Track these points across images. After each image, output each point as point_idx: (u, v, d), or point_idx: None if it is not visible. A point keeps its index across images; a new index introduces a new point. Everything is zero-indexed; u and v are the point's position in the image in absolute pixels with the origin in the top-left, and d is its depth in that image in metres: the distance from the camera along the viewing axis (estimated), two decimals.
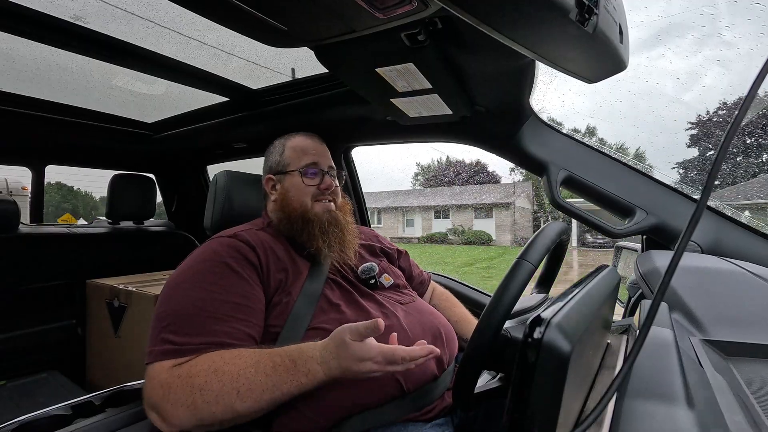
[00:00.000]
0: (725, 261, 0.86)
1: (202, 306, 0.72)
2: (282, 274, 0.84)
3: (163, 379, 0.66)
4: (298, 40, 0.87)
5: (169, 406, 0.64)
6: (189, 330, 0.70)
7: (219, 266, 0.78)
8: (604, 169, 1.10)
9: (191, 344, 0.69)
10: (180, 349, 0.68)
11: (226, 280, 0.77)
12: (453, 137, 1.36)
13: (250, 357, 0.67)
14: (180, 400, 0.64)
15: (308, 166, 0.98)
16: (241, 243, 0.83)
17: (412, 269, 1.17)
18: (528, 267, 0.60)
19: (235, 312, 0.74)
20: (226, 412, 0.63)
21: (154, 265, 1.94)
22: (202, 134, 1.81)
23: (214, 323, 0.71)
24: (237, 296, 0.75)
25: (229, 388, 0.64)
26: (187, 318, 0.71)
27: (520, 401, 0.41)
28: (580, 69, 0.71)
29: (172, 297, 0.75)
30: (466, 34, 0.81)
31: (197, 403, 0.63)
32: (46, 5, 0.97)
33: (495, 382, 0.73)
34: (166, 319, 0.72)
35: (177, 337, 0.69)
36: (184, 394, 0.64)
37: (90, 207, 17.63)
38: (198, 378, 0.65)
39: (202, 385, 0.64)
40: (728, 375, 0.57)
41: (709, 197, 0.36)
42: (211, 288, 0.75)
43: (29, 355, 1.64)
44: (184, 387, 0.64)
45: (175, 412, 0.64)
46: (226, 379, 0.64)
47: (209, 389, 0.64)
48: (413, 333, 0.83)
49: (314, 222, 0.92)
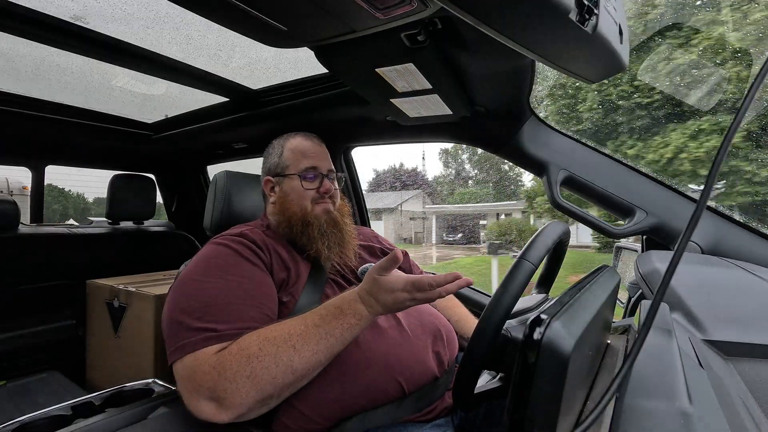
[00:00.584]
0: (725, 261, 0.86)
1: (233, 293, 0.73)
2: (284, 273, 0.85)
3: (213, 362, 0.64)
4: (298, 40, 0.87)
5: (227, 383, 0.62)
6: (225, 317, 0.70)
7: (235, 258, 0.80)
8: (604, 169, 1.10)
9: (233, 329, 0.68)
10: (222, 335, 0.67)
11: (246, 271, 0.78)
12: (453, 137, 1.36)
13: (295, 319, 0.69)
14: (238, 372, 0.62)
15: (307, 170, 0.97)
16: (247, 241, 0.85)
17: (412, 270, 1.17)
18: (528, 267, 0.60)
19: (263, 299, 0.76)
20: (287, 372, 0.63)
21: (154, 266, 1.94)
22: (202, 134, 1.80)
23: (249, 309, 0.72)
24: (261, 285, 0.78)
25: (284, 347, 0.64)
26: (221, 305, 0.71)
27: (520, 401, 0.41)
28: (580, 69, 0.71)
29: (194, 290, 0.74)
30: (466, 34, 0.81)
31: (256, 371, 0.62)
32: (46, 5, 0.97)
33: (495, 382, 0.73)
34: (194, 311, 0.70)
35: (217, 324, 0.68)
36: (240, 366, 0.62)
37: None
38: (251, 348, 0.64)
39: (257, 353, 0.63)
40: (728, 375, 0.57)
41: (709, 197, 0.36)
42: (234, 279, 0.76)
43: (29, 355, 1.64)
44: (239, 360, 0.63)
45: (235, 388, 0.61)
46: (279, 341, 0.65)
47: (265, 354, 0.63)
48: (414, 333, 0.83)
49: (313, 225, 0.93)
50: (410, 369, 0.77)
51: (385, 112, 1.27)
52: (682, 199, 1.03)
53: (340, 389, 0.72)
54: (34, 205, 2.07)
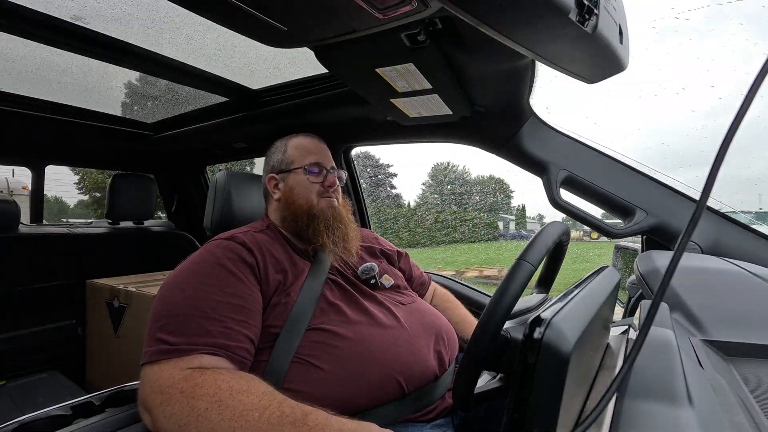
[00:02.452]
0: (725, 261, 0.86)
1: (198, 306, 0.71)
2: (281, 275, 0.84)
3: (163, 386, 0.63)
4: (298, 40, 0.87)
5: (163, 417, 0.61)
6: (184, 330, 0.69)
7: (215, 267, 0.78)
8: (604, 169, 1.10)
9: (186, 344, 0.67)
10: (175, 349, 0.67)
11: (221, 281, 0.76)
12: (453, 137, 1.36)
13: (260, 398, 0.61)
14: (175, 416, 0.60)
15: (312, 164, 0.98)
16: (237, 245, 0.83)
17: (412, 270, 1.17)
18: (528, 268, 0.60)
19: (231, 312, 0.72)
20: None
21: (154, 266, 1.94)
22: (202, 134, 1.81)
23: (210, 323, 0.70)
24: (233, 297, 0.74)
25: (226, 426, 0.59)
26: (182, 317, 0.70)
27: (520, 401, 0.41)
28: (580, 69, 0.71)
29: (167, 297, 0.74)
30: (466, 34, 0.81)
31: (190, 428, 0.60)
32: (46, 5, 0.97)
33: (495, 382, 0.73)
34: (161, 319, 0.70)
35: (172, 337, 0.68)
36: (181, 413, 0.60)
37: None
38: (200, 402, 0.61)
39: (201, 413, 0.60)
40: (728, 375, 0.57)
41: (709, 197, 0.36)
42: (206, 289, 0.74)
43: (29, 355, 1.64)
44: (183, 406, 0.61)
45: (167, 425, 0.61)
46: (227, 415, 0.60)
47: (207, 419, 0.59)
48: (415, 332, 0.83)
49: (319, 217, 0.93)
50: (411, 368, 0.77)
51: (385, 112, 1.27)
52: (682, 199, 1.03)
53: (341, 389, 0.72)
54: (34, 205, 2.07)
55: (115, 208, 1.93)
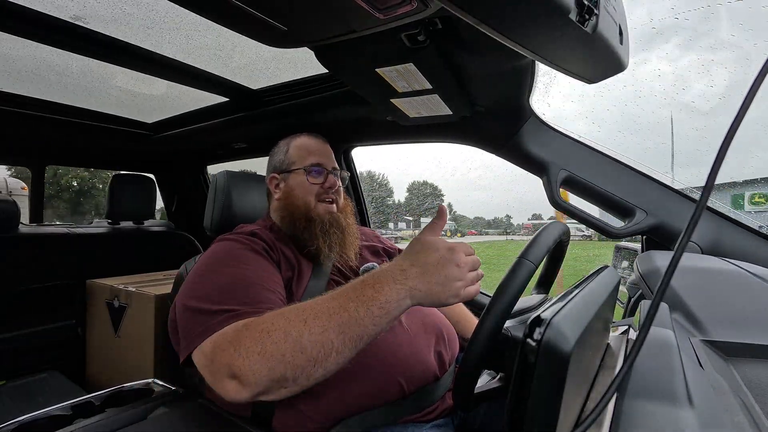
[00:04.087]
0: (725, 261, 0.86)
1: (248, 278, 0.72)
2: (290, 272, 0.85)
3: (231, 338, 0.61)
4: (298, 40, 0.87)
5: (241, 360, 0.58)
6: (245, 299, 0.68)
7: (244, 251, 0.80)
8: (604, 169, 1.10)
9: (253, 309, 0.65)
10: (242, 314, 0.64)
11: (258, 261, 0.79)
12: (453, 137, 1.36)
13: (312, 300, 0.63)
14: (251, 348, 0.58)
15: (313, 165, 0.98)
16: (259, 240, 0.85)
17: None
18: (529, 266, 0.60)
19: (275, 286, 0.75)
20: (295, 350, 0.57)
21: (154, 266, 1.94)
22: (202, 134, 1.80)
23: (266, 292, 0.71)
24: (271, 273, 0.77)
25: (295, 321, 0.58)
26: (239, 289, 0.69)
27: (520, 401, 0.41)
28: (580, 69, 0.71)
29: (207, 279, 0.73)
30: (466, 34, 0.81)
31: (266, 347, 0.57)
32: (46, 5, 0.97)
33: (495, 382, 0.73)
34: (212, 297, 0.68)
35: (238, 306, 0.66)
36: (254, 341, 0.58)
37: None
38: (265, 323, 0.60)
39: (269, 328, 0.59)
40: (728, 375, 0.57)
41: (709, 197, 0.36)
42: (246, 267, 0.76)
43: (29, 355, 1.63)
44: (253, 335, 0.59)
45: (248, 364, 0.57)
46: (292, 314, 0.60)
47: (276, 328, 0.58)
48: (415, 332, 0.83)
49: (316, 221, 0.93)
50: (411, 369, 0.77)
51: (385, 112, 1.27)
52: (682, 199, 1.03)
53: (341, 388, 0.72)
54: (33, 206, 2.07)
55: (115, 208, 1.93)
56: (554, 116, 1.14)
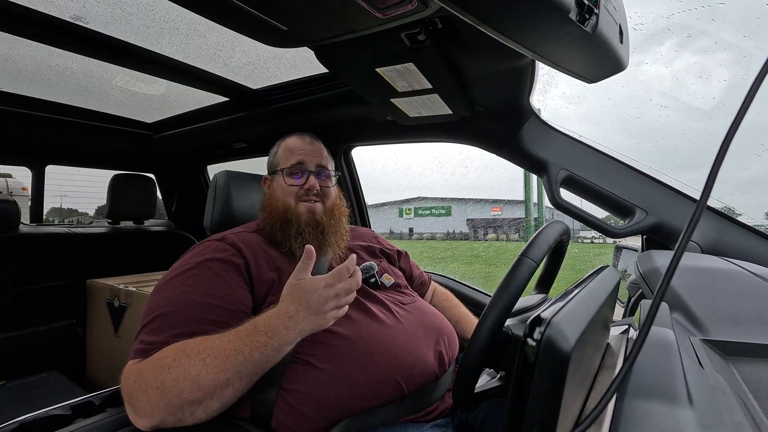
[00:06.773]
0: (725, 261, 0.86)
1: (177, 307, 0.73)
2: (274, 273, 0.84)
3: (134, 370, 0.66)
4: (298, 40, 0.87)
5: (140, 393, 0.63)
6: (161, 328, 0.71)
7: (200, 269, 0.79)
8: (604, 169, 1.10)
9: (160, 343, 0.69)
10: (149, 348, 0.69)
11: (205, 282, 0.77)
12: (453, 137, 1.36)
13: (219, 334, 0.68)
14: (150, 382, 0.63)
15: (293, 166, 0.97)
16: (227, 245, 0.84)
17: (412, 270, 1.17)
18: (530, 264, 0.60)
19: (209, 313, 0.73)
20: (193, 388, 0.62)
21: (154, 265, 1.94)
22: (202, 134, 1.80)
23: (186, 324, 0.71)
24: (215, 298, 0.75)
25: (195, 361, 0.63)
26: (163, 318, 0.72)
27: (520, 401, 0.41)
28: (580, 69, 0.71)
29: (153, 298, 0.77)
30: (466, 34, 0.81)
31: (165, 383, 0.62)
32: (46, 5, 0.97)
33: (495, 381, 0.73)
34: (144, 319, 0.74)
35: (149, 336, 0.71)
36: (153, 375, 0.63)
37: None
38: (167, 358, 0.64)
39: (170, 364, 0.63)
40: (728, 375, 0.57)
41: (709, 197, 0.36)
42: (188, 290, 0.76)
43: (29, 355, 1.64)
44: (153, 369, 0.64)
45: (146, 397, 0.62)
46: (193, 353, 0.64)
47: (177, 365, 0.63)
48: (415, 333, 0.83)
49: (292, 222, 0.92)
50: (410, 369, 0.77)
51: (385, 112, 1.27)
52: (682, 199, 1.03)
53: (340, 389, 0.72)
54: (33, 205, 2.07)
55: (115, 208, 1.93)
56: (552, 116, 1.14)
